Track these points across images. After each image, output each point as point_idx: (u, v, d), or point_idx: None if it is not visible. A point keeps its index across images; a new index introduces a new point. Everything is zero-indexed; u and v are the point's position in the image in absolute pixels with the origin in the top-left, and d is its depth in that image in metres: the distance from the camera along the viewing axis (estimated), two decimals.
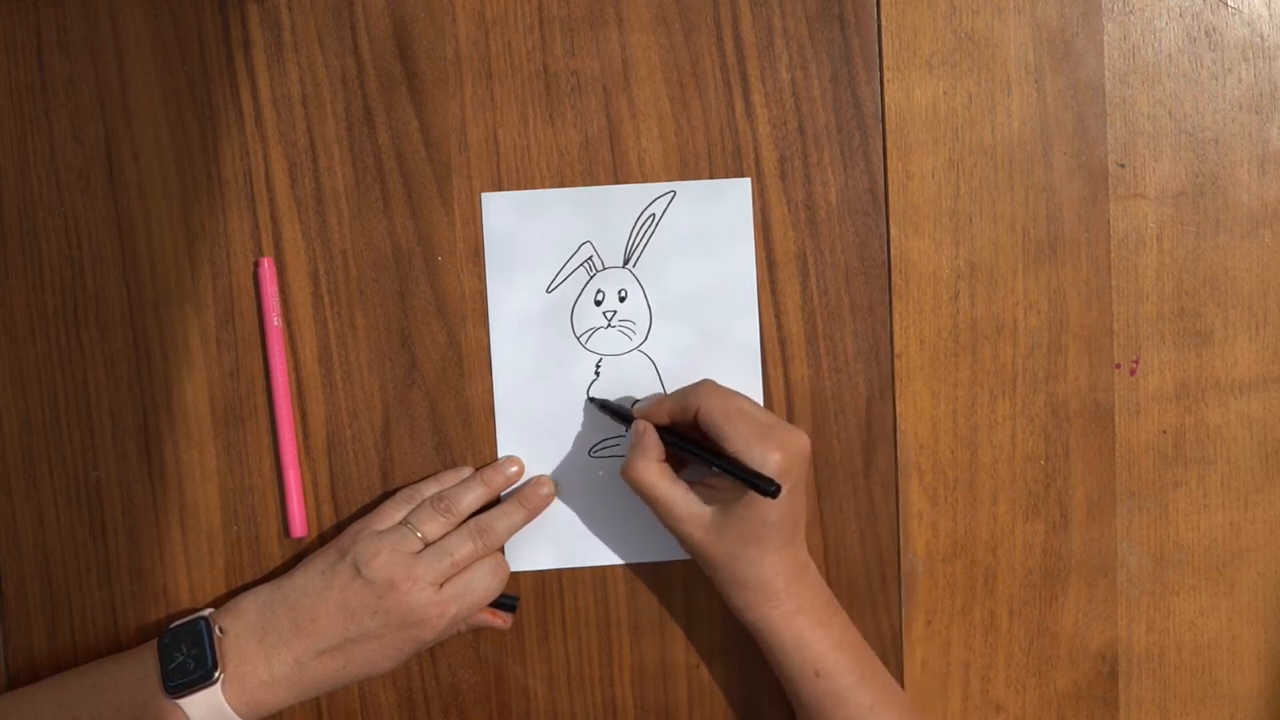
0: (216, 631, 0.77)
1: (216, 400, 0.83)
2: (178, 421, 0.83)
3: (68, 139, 0.82)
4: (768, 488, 0.74)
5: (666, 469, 0.79)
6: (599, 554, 0.85)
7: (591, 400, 0.84)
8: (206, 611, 0.80)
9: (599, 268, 0.84)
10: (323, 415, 0.83)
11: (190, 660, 0.76)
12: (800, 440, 0.77)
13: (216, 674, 0.75)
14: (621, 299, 0.84)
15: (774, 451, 0.75)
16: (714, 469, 0.77)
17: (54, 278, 0.82)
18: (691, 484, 0.78)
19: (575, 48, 0.83)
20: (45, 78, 0.82)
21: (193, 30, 0.82)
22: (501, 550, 0.83)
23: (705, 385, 0.79)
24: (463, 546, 0.79)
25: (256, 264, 0.82)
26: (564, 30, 0.83)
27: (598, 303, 0.84)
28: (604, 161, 0.83)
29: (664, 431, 0.79)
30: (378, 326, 0.83)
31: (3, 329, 0.82)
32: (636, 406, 0.82)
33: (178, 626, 0.78)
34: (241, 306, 0.83)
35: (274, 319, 0.82)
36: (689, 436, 0.79)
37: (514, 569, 0.84)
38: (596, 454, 0.84)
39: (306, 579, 0.79)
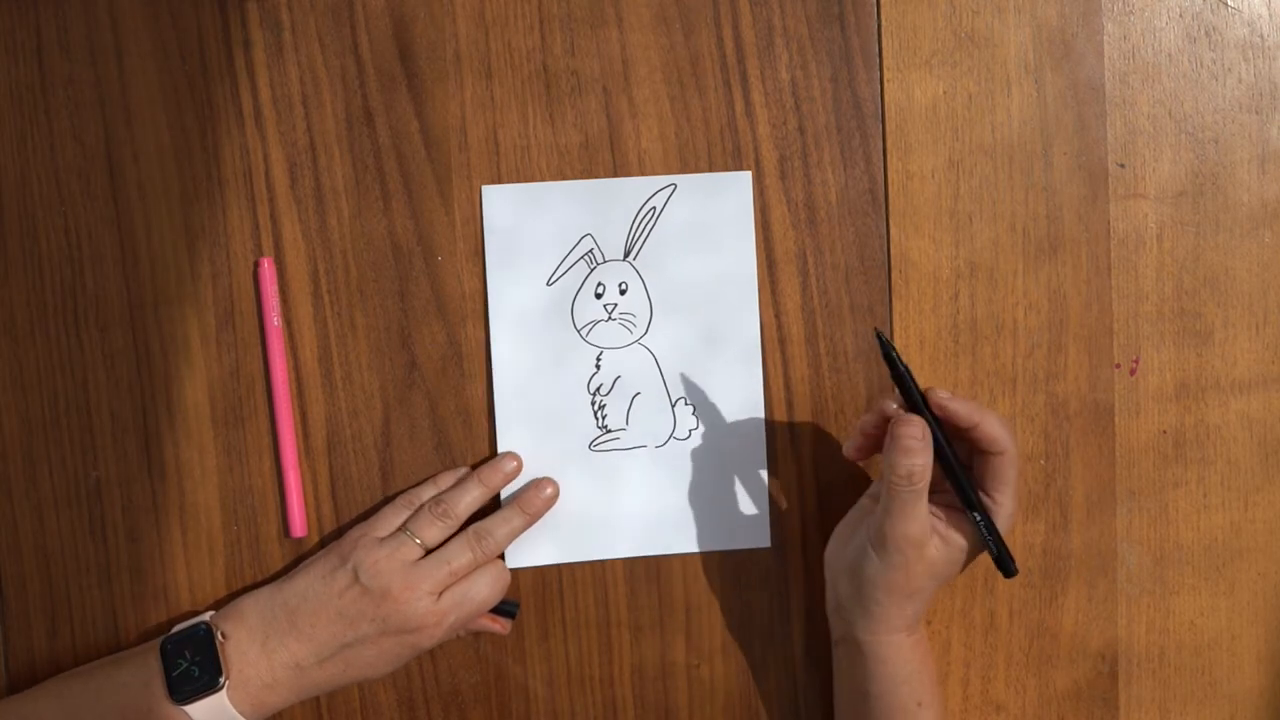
0: (219, 636, 0.77)
1: (216, 400, 0.83)
2: (178, 421, 0.83)
3: (68, 139, 0.82)
4: (1011, 569, 0.74)
5: (933, 518, 0.75)
6: (600, 548, 0.85)
7: (880, 337, 0.76)
8: (207, 615, 0.79)
9: (599, 260, 0.84)
10: (323, 415, 0.83)
11: (195, 667, 0.76)
12: None
13: (222, 680, 0.75)
14: (622, 292, 0.84)
15: (1015, 519, 0.76)
16: (978, 523, 0.75)
17: (54, 278, 0.82)
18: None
19: (575, 47, 0.83)
20: (45, 78, 0.82)
21: (193, 30, 0.82)
22: (502, 556, 0.83)
23: (1001, 419, 0.75)
24: (462, 555, 0.79)
25: (256, 264, 0.82)
26: (564, 30, 0.83)
27: (598, 295, 0.84)
28: (604, 161, 0.83)
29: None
30: (378, 326, 0.83)
31: (3, 329, 0.82)
32: (932, 390, 0.75)
33: (180, 631, 0.78)
34: (241, 306, 0.83)
35: (274, 319, 0.82)
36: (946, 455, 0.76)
37: (514, 565, 0.84)
38: (597, 448, 0.84)
39: (307, 583, 0.79)
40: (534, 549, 0.84)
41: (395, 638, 0.77)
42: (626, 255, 0.84)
